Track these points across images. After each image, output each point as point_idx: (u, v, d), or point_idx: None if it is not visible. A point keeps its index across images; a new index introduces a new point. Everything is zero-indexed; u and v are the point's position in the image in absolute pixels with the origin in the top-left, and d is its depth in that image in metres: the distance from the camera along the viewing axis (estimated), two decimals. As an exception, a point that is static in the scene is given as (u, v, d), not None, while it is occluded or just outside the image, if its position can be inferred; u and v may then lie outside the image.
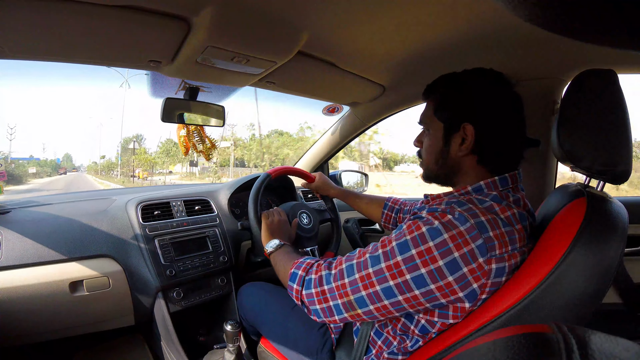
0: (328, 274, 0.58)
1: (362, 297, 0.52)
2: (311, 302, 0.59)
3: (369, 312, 0.53)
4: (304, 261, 0.64)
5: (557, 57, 0.85)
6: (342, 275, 0.55)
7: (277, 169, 1.06)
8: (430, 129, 0.62)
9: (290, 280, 0.63)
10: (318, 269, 0.60)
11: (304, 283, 0.60)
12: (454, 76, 0.60)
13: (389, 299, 0.50)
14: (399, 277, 0.49)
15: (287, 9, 0.67)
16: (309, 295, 0.59)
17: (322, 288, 0.57)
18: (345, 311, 0.55)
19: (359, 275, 0.53)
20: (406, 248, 0.49)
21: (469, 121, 0.56)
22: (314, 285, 0.58)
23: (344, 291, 0.54)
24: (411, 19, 0.71)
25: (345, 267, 0.56)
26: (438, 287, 0.48)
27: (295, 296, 0.62)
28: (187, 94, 1.08)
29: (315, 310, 0.59)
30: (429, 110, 0.62)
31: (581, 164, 0.53)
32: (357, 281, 0.53)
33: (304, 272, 0.62)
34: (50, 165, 53.31)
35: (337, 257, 0.60)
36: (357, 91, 1.20)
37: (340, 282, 0.55)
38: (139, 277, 1.00)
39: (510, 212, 0.51)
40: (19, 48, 0.73)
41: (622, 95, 0.52)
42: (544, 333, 0.25)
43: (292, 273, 0.63)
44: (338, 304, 0.55)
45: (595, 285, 0.46)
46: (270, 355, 0.88)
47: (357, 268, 0.54)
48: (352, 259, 0.56)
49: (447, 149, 0.59)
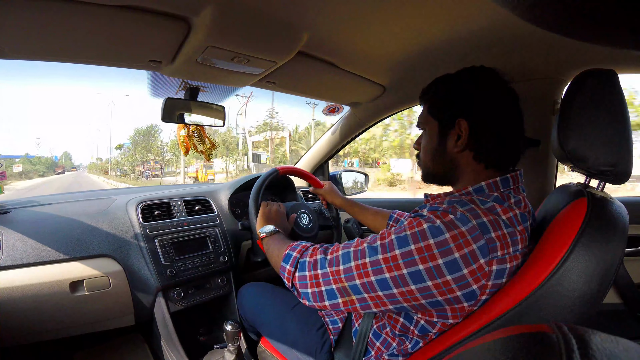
0: (323, 258, 0.58)
1: (356, 285, 0.52)
2: (303, 284, 0.58)
3: (363, 300, 0.53)
4: (300, 244, 0.64)
5: (557, 57, 0.85)
6: (337, 262, 0.55)
7: (286, 168, 1.06)
8: (427, 129, 0.64)
9: (284, 261, 0.63)
10: (314, 253, 0.60)
11: (298, 265, 0.60)
12: (446, 76, 0.61)
13: (383, 290, 0.50)
14: (395, 270, 0.49)
15: (287, 9, 0.67)
16: (302, 277, 0.59)
17: (315, 272, 0.57)
18: (340, 296, 0.54)
19: (355, 263, 0.53)
20: (405, 243, 0.49)
21: (462, 116, 0.56)
22: (307, 268, 0.58)
23: (338, 277, 0.54)
24: (411, 19, 0.71)
25: (341, 253, 0.56)
26: (435, 285, 0.47)
27: (287, 277, 0.61)
28: (188, 94, 1.08)
29: (305, 293, 0.58)
30: (424, 111, 0.64)
31: (581, 164, 0.53)
32: (352, 269, 0.53)
33: (298, 254, 0.62)
34: (45, 163, 49.47)
35: (335, 244, 0.60)
36: (357, 91, 1.20)
37: (335, 268, 0.55)
38: (139, 277, 1.00)
39: (512, 214, 0.51)
40: (19, 48, 0.73)
41: (622, 95, 0.52)
42: (544, 333, 0.25)
43: (287, 254, 0.63)
44: (332, 289, 0.55)
45: (595, 286, 0.46)
46: (270, 355, 0.88)
47: (354, 256, 0.53)
48: (349, 247, 0.56)
49: (444, 146, 0.60)
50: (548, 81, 0.92)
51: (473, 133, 0.56)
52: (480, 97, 0.57)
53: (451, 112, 0.58)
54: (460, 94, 0.58)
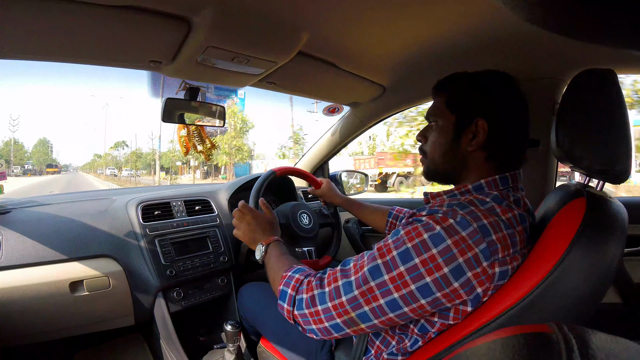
0: (321, 293, 0.54)
1: (364, 312, 0.50)
2: (305, 322, 0.55)
3: (373, 326, 0.51)
4: (293, 276, 0.59)
5: (557, 57, 0.85)
6: (338, 294, 0.52)
7: (283, 168, 1.06)
8: (440, 122, 0.61)
9: (280, 299, 0.59)
10: (309, 288, 0.56)
11: (295, 303, 0.56)
12: (468, 74, 0.60)
13: (394, 311, 0.48)
14: (404, 288, 0.47)
15: (287, 9, 0.67)
16: (302, 315, 0.55)
17: (315, 309, 0.53)
18: (347, 327, 0.52)
19: (359, 291, 0.50)
20: (409, 257, 0.47)
21: (483, 117, 0.55)
22: (306, 306, 0.54)
23: (343, 310, 0.51)
24: (411, 19, 0.71)
25: (341, 284, 0.52)
26: (444, 294, 0.47)
27: (287, 316, 0.58)
28: (188, 94, 1.08)
29: (311, 330, 0.55)
30: (440, 103, 0.61)
31: (580, 164, 0.53)
32: (358, 297, 0.50)
33: (293, 291, 0.57)
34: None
35: (328, 271, 0.56)
36: (357, 91, 1.20)
37: (337, 301, 0.51)
38: (139, 277, 1.00)
39: (512, 214, 0.51)
40: (19, 48, 0.73)
41: (622, 95, 0.52)
42: (544, 333, 0.25)
43: (281, 291, 0.59)
44: (337, 323, 0.52)
45: (594, 286, 0.46)
46: (270, 355, 0.88)
47: (356, 284, 0.50)
48: (348, 276, 0.52)
49: (457, 144, 0.58)
50: (548, 81, 0.92)
51: (491, 135, 0.55)
52: (502, 101, 0.57)
53: (472, 109, 0.57)
54: (483, 94, 0.57)
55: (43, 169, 47.21)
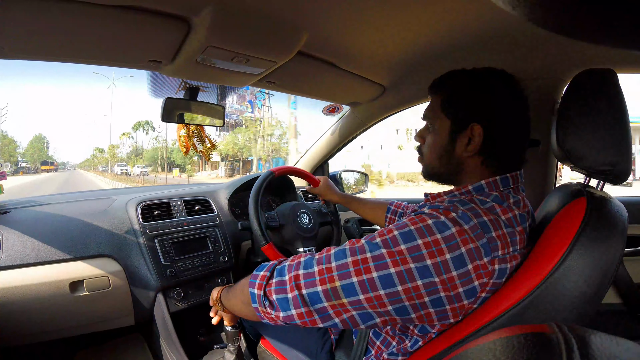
0: (311, 258, 0.51)
1: (351, 283, 0.46)
2: (279, 290, 0.50)
3: (356, 302, 0.46)
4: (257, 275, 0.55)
5: (557, 57, 0.85)
6: (328, 259, 0.49)
7: (281, 168, 1.06)
8: (435, 125, 0.59)
9: (257, 269, 0.55)
10: (298, 257, 0.53)
11: (275, 271, 0.53)
12: (465, 72, 0.57)
13: (385, 288, 0.45)
14: (402, 264, 0.45)
15: (287, 9, 0.67)
16: (279, 283, 0.51)
17: (296, 273, 0.50)
18: (326, 299, 0.47)
19: (352, 259, 0.46)
20: (411, 237, 0.46)
21: (478, 122, 0.54)
22: (288, 271, 0.51)
23: (329, 276, 0.47)
24: (411, 19, 0.71)
25: (333, 251, 0.50)
26: (441, 281, 0.45)
27: (258, 284, 0.53)
28: (187, 94, 1.08)
29: (280, 300, 0.50)
30: (436, 105, 0.59)
31: (581, 164, 0.53)
32: (349, 265, 0.46)
33: (279, 264, 0.54)
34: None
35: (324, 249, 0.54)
36: (357, 91, 1.20)
37: (325, 266, 0.48)
38: (139, 277, 1.00)
39: (512, 214, 0.51)
40: (19, 48, 0.73)
41: (622, 95, 0.52)
42: (544, 333, 0.25)
43: (262, 265, 0.56)
44: (316, 291, 0.47)
45: (595, 286, 0.46)
46: (270, 355, 0.88)
47: (351, 253, 0.47)
48: (344, 246, 0.50)
49: (452, 148, 0.57)
50: (548, 81, 0.92)
51: (487, 140, 0.54)
52: (500, 105, 0.54)
53: (466, 114, 0.55)
54: (479, 98, 0.55)
55: (38, 166, 44.08)
